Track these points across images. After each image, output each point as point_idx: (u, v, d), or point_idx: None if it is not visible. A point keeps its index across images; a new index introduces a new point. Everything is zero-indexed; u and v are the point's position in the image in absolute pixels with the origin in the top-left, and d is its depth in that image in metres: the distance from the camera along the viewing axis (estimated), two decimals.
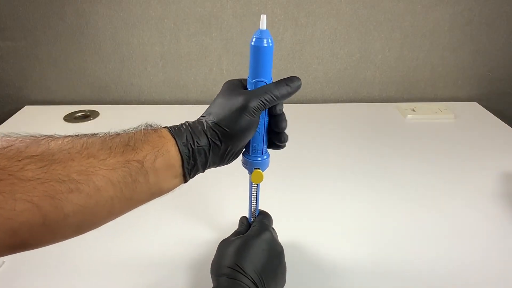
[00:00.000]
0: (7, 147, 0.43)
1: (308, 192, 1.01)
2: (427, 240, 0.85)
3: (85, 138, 0.49)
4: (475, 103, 1.56)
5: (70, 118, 1.41)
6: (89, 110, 1.46)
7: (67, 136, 0.49)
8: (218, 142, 0.56)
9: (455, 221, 0.90)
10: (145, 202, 0.54)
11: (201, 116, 0.60)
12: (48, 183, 0.42)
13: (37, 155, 0.44)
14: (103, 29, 1.42)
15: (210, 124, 0.57)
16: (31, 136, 0.47)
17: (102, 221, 0.50)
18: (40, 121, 1.39)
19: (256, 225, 0.70)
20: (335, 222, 0.90)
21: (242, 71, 1.50)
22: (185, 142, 0.55)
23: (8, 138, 0.45)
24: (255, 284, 0.60)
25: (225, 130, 0.56)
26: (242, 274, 0.60)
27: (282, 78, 0.62)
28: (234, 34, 1.44)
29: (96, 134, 0.52)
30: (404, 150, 1.21)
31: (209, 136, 0.56)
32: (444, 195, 1.00)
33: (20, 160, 0.42)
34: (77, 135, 0.50)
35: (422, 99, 1.59)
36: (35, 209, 0.41)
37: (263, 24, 0.57)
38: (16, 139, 0.45)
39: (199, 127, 0.57)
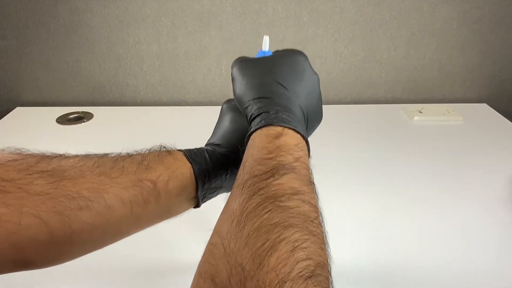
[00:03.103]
0: (18, 160, 0.44)
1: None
2: (436, 246, 0.85)
3: (96, 158, 0.50)
4: (485, 105, 1.56)
5: (63, 120, 1.41)
6: (82, 112, 1.46)
7: (78, 155, 0.50)
8: (235, 170, 0.55)
9: (464, 226, 0.91)
10: (153, 224, 0.54)
11: (215, 144, 0.62)
12: (57, 198, 0.43)
13: (48, 170, 0.44)
14: (98, 27, 1.43)
15: (227, 151, 0.59)
16: (42, 153, 0.47)
17: (108, 241, 0.50)
18: (31, 123, 1.39)
19: (281, 50, 0.65)
20: (339, 229, 0.89)
21: None
22: (201, 167, 0.56)
23: (19, 152, 0.46)
24: (301, 109, 0.57)
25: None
26: (288, 95, 0.56)
27: None
28: (234, 32, 1.45)
29: (107, 154, 0.53)
30: (411, 153, 1.21)
31: (226, 163, 0.58)
32: (453, 199, 1.00)
33: (30, 174, 0.42)
34: (88, 155, 0.51)
35: (429, 100, 1.59)
36: (42, 225, 0.41)
37: (265, 45, 0.60)
38: (27, 154, 0.46)
39: (216, 153, 0.59)
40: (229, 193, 0.48)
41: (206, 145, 0.64)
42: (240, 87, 0.58)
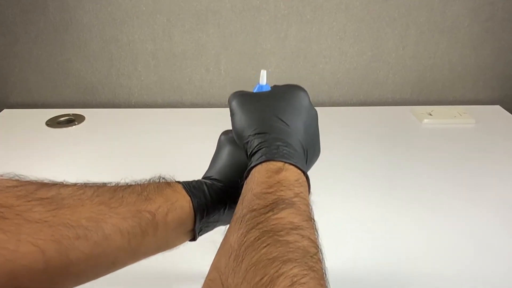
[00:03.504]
0: (18, 186, 0.45)
1: (316, 205, 1.00)
2: (446, 255, 0.84)
3: (96, 187, 0.51)
4: (498, 106, 1.55)
5: (53, 123, 1.40)
6: (73, 114, 1.45)
7: (77, 183, 0.51)
8: (234, 205, 0.56)
9: (476, 235, 0.90)
10: (149, 256, 0.55)
11: (213, 179, 0.63)
12: (56, 227, 0.43)
13: (47, 198, 0.45)
14: (89, 25, 1.42)
15: (226, 186, 0.61)
16: (40, 180, 0.48)
17: (103, 273, 0.50)
18: (20, 126, 1.38)
19: (280, 85, 0.67)
20: (345, 234, 0.90)
21: (242, 72, 1.49)
22: (200, 201, 0.58)
23: (18, 178, 0.47)
24: (301, 144, 0.58)
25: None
26: (288, 130, 0.58)
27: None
28: (233, 30, 1.44)
29: (106, 183, 0.54)
30: (420, 158, 1.20)
31: (225, 198, 0.60)
32: (464, 206, 0.99)
33: (29, 201, 0.43)
34: (87, 183, 0.52)
35: (439, 102, 1.59)
36: (39, 253, 0.41)
37: (263, 79, 0.63)
38: (26, 181, 0.47)
39: (215, 187, 0.61)
40: (227, 226, 0.49)
41: (203, 178, 0.65)
42: (240, 122, 0.60)
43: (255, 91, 0.64)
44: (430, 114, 1.44)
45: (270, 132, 0.56)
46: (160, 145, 1.25)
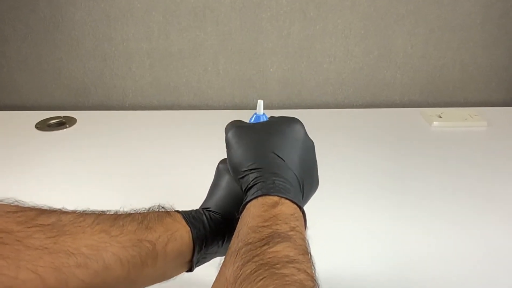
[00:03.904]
0: (18, 211, 0.46)
1: (320, 210, 1.00)
2: (457, 266, 0.83)
3: (96, 214, 0.52)
4: (511, 109, 1.55)
5: (43, 125, 1.39)
6: (64, 117, 1.44)
7: (77, 210, 0.53)
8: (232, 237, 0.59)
9: (489, 243, 0.89)
10: (145, 287, 0.56)
11: (212, 210, 0.65)
12: (56, 254, 0.44)
13: (48, 224, 0.46)
14: (81, 22, 1.42)
15: (225, 218, 0.63)
16: (40, 207, 0.50)
17: None
18: (8, 129, 1.38)
19: (277, 117, 0.69)
20: (352, 243, 0.90)
21: (242, 72, 1.49)
22: (200, 232, 0.60)
23: (17, 204, 0.48)
24: (297, 178, 0.60)
25: None
26: (284, 165, 0.59)
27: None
28: (233, 28, 1.44)
29: (105, 211, 0.55)
30: (429, 162, 1.19)
31: (224, 230, 0.62)
32: (476, 214, 0.98)
33: (29, 227, 0.45)
34: (86, 211, 0.53)
35: (450, 103, 1.58)
36: (39, 281, 0.42)
37: (260, 109, 0.67)
38: (26, 207, 0.48)
39: (214, 219, 0.63)
40: (222, 258, 0.51)
41: (202, 208, 0.67)
42: (236, 156, 0.62)
43: (252, 120, 0.67)
44: (440, 117, 1.43)
45: (266, 168, 0.58)
46: (155, 149, 1.24)
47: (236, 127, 0.65)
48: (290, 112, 1.47)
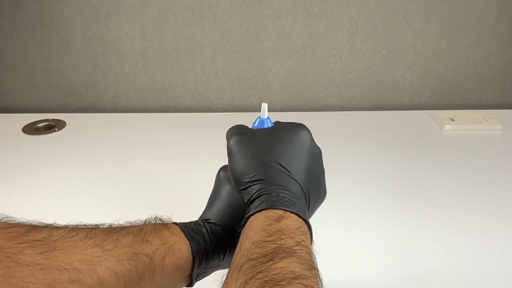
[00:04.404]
0: (7, 227, 0.46)
1: (326, 219, 1.00)
2: (473, 278, 0.83)
3: (89, 228, 0.52)
4: None
5: (31, 129, 1.39)
6: (53, 120, 1.44)
7: (69, 225, 0.52)
8: (234, 250, 0.58)
9: (507, 254, 0.88)
10: None
11: (212, 222, 0.65)
12: (48, 270, 0.44)
13: (39, 240, 0.47)
14: (71, 19, 1.42)
15: (226, 230, 0.63)
16: (30, 222, 0.50)
17: None
18: None
19: (282, 123, 0.69)
20: (360, 252, 0.89)
21: (242, 72, 1.49)
22: (200, 245, 0.60)
23: (7, 220, 0.48)
24: (302, 190, 0.60)
25: None
26: (289, 176, 0.59)
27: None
28: (232, 26, 1.44)
29: (99, 225, 0.55)
30: (441, 168, 1.19)
31: (225, 242, 0.62)
32: (492, 222, 0.98)
33: (20, 243, 0.45)
34: (78, 225, 0.53)
35: (462, 106, 1.58)
36: None
37: (264, 112, 0.67)
38: (16, 223, 0.48)
39: (215, 231, 0.63)
40: (225, 270, 0.51)
41: (201, 219, 0.66)
42: (238, 165, 0.62)
43: (255, 125, 0.68)
44: (452, 120, 1.43)
45: (270, 179, 0.58)
46: (150, 155, 1.24)
47: (238, 134, 0.65)
48: (292, 114, 1.48)
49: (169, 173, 1.14)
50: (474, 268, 0.85)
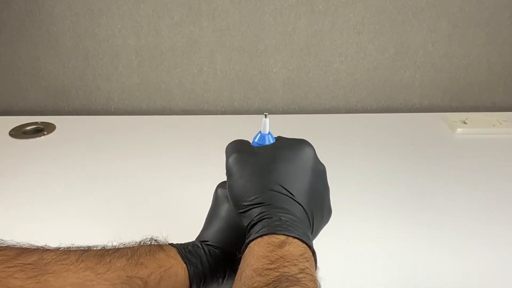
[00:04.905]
0: None
1: (331, 229, 1.00)
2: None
3: (81, 251, 0.54)
4: None
5: (18, 132, 1.39)
6: (42, 123, 1.45)
7: (60, 247, 0.53)
8: (234, 274, 0.58)
9: None
10: None
11: (210, 244, 0.66)
12: None
13: (29, 263, 0.48)
14: (61, 16, 1.42)
15: (224, 253, 0.64)
16: (20, 245, 0.51)
17: None
18: None
19: (284, 139, 0.69)
20: (366, 267, 0.89)
21: (241, 72, 1.49)
22: (197, 269, 0.61)
23: None
24: (305, 213, 0.60)
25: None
26: (291, 199, 0.59)
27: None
28: (231, 23, 1.44)
29: (91, 247, 0.56)
30: (454, 173, 1.19)
31: (224, 265, 0.63)
32: (506, 231, 0.98)
33: (9, 267, 0.46)
34: (70, 247, 0.54)
35: (475, 108, 1.58)
36: None
37: (265, 128, 0.68)
38: (5, 246, 0.49)
39: (213, 253, 0.64)
40: None
41: (199, 240, 0.67)
42: (237, 187, 0.62)
43: (255, 141, 0.68)
44: (465, 123, 1.43)
45: (272, 202, 0.58)
46: (144, 160, 1.24)
47: (237, 152, 0.65)
48: (295, 117, 1.47)
49: (164, 179, 1.14)
50: (490, 280, 0.85)
